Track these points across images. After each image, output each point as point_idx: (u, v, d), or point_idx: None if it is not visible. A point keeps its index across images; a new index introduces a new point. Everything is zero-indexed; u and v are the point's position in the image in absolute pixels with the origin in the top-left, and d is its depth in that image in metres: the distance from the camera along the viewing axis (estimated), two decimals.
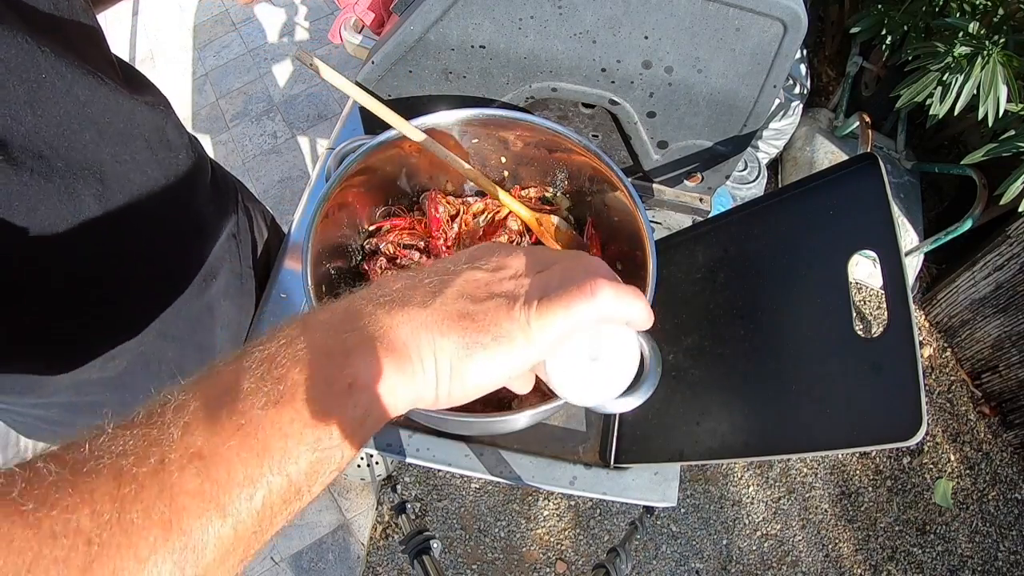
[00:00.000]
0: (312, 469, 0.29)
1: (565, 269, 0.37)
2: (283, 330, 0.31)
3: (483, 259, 0.37)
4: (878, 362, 0.50)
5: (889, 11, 1.62)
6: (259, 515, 0.27)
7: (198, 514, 0.25)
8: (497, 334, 0.33)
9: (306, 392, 0.28)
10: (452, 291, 0.34)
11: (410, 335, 0.32)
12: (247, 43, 2.54)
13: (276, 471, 0.27)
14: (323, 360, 0.29)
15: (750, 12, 0.63)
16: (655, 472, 0.75)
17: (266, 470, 0.27)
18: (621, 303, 0.36)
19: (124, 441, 0.25)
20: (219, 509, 0.25)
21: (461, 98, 0.78)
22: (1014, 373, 1.78)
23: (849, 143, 1.95)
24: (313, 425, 0.28)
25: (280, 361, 0.29)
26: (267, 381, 0.28)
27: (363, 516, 1.75)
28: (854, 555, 1.75)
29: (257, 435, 0.27)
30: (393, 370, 0.31)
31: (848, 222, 0.59)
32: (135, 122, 0.58)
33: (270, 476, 0.27)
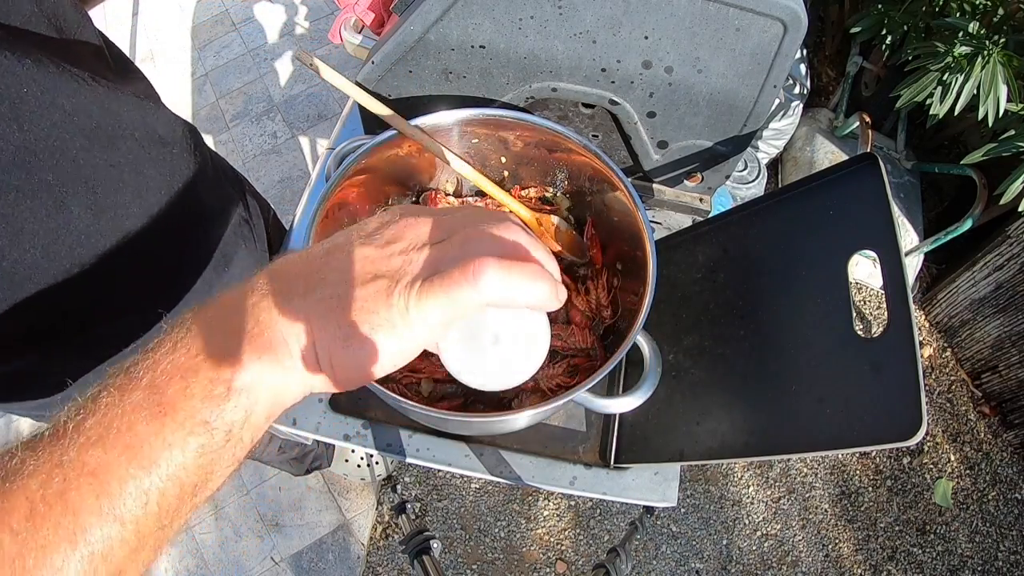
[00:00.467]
0: (203, 471, 0.31)
1: (464, 240, 0.34)
2: (171, 333, 0.32)
3: (379, 231, 0.35)
4: (878, 362, 0.50)
5: (889, 11, 1.62)
6: (158, 516, 0.30)
7: (99, 526, 0.28)
8: (374, 323, 0.32)
9: (185, 402, 0.30)
10: (335, 276, 0.33)
11: (289, 329, 0.32)
12: (247, 43, 2.54)
13: (165, 479, 0.29)
14: (202, 365, 0.30)
15: (750, 12, 0.63)
16: (655, 472, 0.75)
17: (155, 479, 0.29)
18: (511, 288, 0.32)
19: (32, 463, 0.28)
20: (118, 519, 0.28)
21: (461, 98, 0.78)
22: (1014, 373, 1.78)
23: (849, 143, 1.94)
24: (195, 433, 0.30)
25: (163, 370, 0.30)
26: (151, 392, 0.30)
27: (363, 516, 1.75)
28: (854, 555, 1.75)
29: (143, 448, 0.29)
30: (272, 367, 0.32)
31: (848, 222, 0.59)
32: (124, 123, 0.58)
33: (160, 484, 0.29)
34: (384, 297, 0.32)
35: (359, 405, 0.77)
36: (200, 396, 0.30)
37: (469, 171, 0.71)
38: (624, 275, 0.74)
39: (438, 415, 0.58)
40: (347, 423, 0.75)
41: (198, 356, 0.30)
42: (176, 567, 1.73)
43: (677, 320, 0.75)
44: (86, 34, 0.58)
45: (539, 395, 0.69)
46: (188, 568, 1.73)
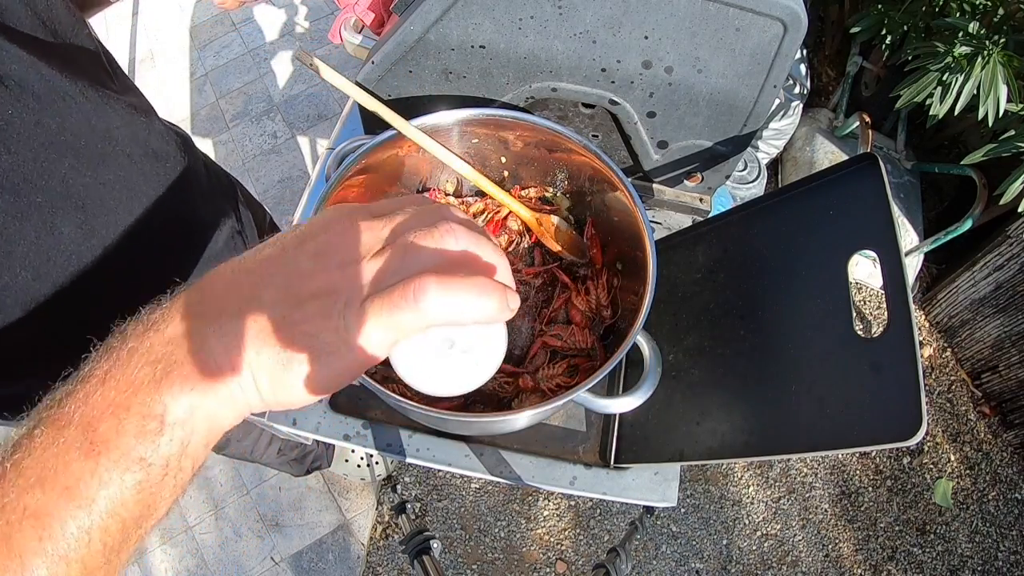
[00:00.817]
0: (143, 504, 0.30)
1: (405, 252, 0.31)
2: (99, 362, 0.31)
3: (310, 240, 0.32)
4: (878, 362, 0.50)
5: (889, 11, 1.62)
6: (103, 552, 0.29)
7: (45, 566, 0.28)
8: (315, 347, 0.30)
9: (119, 439, 0.29)
10: (270, 294, 0.31)
11: (223, 354, 0.30)
12: (247, 43, 2.54)
13: (106, 516, 0.29)
14: (133, 401, 0.29)
15: (750, 12, 0.63)
16: (655, 472, 0.75)
17: (96, 517, 0.29)
18: (455, 307, 0.30)
19: None
20: (63, 559, 0.28)
21: (461, 98, 0.78)
22: (1014, 373, 1.78)
23: (849, 143, 1.94)
24: (131, 470, 0.29)
25: (94, 404, 0.29)
26: (83, 430, 0.29)
27: (363, 516, 1.75)
28: (854, 555, 1.75)
29: (80, 488, 0.28)
30: (205, 397, 0.30)
31: (848, 222, 0.59)
32: (115, 139, 0.57)
33: (101, 521, 0.29)
34: (324, 319, 0.30)
35: (359, 405, 0.77)
36: (133, 433, 0.29)
37: (469, 171, 0.71)
38: (624, 275, 0.74)
39: (438, 415, 0.58)
40: (347, 423, 0.75)
41: (127, 391, 0.29)
42: (176, 567, 1.73)
43: (677, 320, 0.75)
44: (82, 39, 0.58)
45: (539, 395, 0.69)
46: (188, 568, 1.73)
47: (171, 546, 1.75)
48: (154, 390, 0.30)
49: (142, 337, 0.31)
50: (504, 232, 0.78)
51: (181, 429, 0.30)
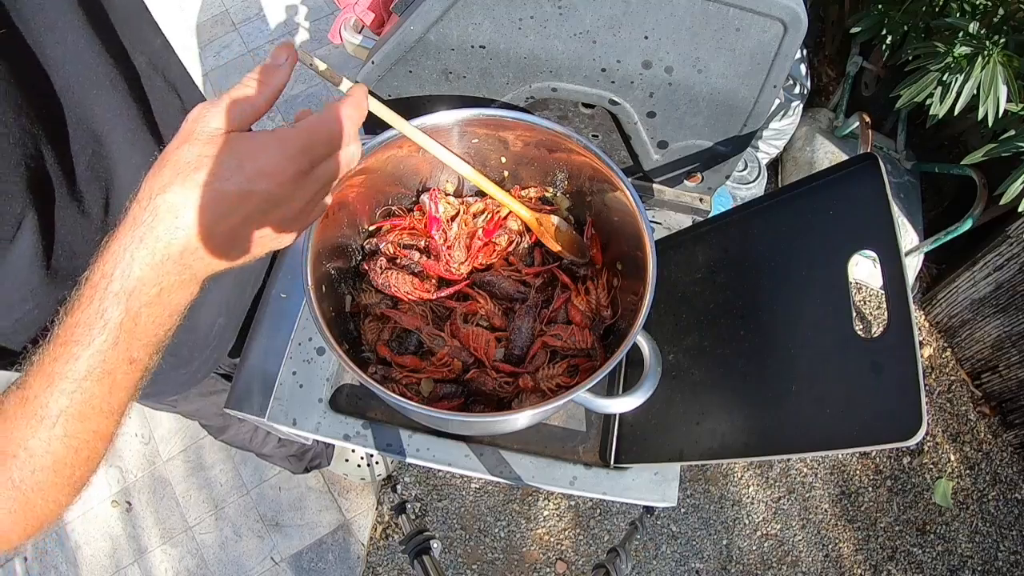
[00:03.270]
0: (86, 397, 0.40)
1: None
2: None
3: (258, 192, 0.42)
4: (878, 362, 0.50)
5: (889, 11, 1.62)
6: (64, 441, 0.41)
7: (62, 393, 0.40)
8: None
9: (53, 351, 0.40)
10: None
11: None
12: (247, 43, 2.54)
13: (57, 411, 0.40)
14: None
15: (750, 12, 0.63)
16: (655, 472, 0.75)
17: (46, 426, 0.40)
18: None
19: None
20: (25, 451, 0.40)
21: (461, 98, 0.78)
22: (1014, 373, 1.78)
23: (849, 143, 1.94)
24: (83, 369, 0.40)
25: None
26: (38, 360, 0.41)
27: (363, 516, 1.75)
28: (854, 555, 1.75)
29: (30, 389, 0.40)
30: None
31: (848, 222, 0.59)
32: (149, 123, 0.60)
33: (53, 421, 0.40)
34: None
35: (359, 405, 0.77)
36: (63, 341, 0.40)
37: (469, 171, 0.71)
38: (624, 275, 0.74)
39: (438, 415, 0.58)
40: (347, 423, 0.75)
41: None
42: (176, 567, 1.73)
43: (677, 320, 0.75)
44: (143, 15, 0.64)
45: (539, 395, 0.69)
46: (188, 568, 1.73)
47: (171, 546, 1.75)
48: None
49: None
50: (504, 232, 0.78)
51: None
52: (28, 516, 0.42)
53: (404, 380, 0.70)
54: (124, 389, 0.42)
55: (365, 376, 0.57)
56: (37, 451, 0.40)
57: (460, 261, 0.76)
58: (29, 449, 0.40)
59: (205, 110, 0.42)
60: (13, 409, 0.40)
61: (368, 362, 0.73)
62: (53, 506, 0.43)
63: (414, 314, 0.74)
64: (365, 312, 0.76)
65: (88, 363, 0.40)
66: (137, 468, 1.85)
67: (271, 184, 0.41)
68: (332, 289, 0.72)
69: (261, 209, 0.42)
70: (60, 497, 0.43)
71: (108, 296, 0.39)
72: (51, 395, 0.40)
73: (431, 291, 0.75)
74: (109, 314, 0.39)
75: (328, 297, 0.69)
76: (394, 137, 0.67)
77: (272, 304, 0.83)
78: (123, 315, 0.40)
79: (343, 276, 0.75)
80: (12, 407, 0.40)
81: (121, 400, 0.43)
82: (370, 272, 0.75)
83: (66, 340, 0.40)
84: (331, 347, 0.58)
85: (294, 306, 0.82)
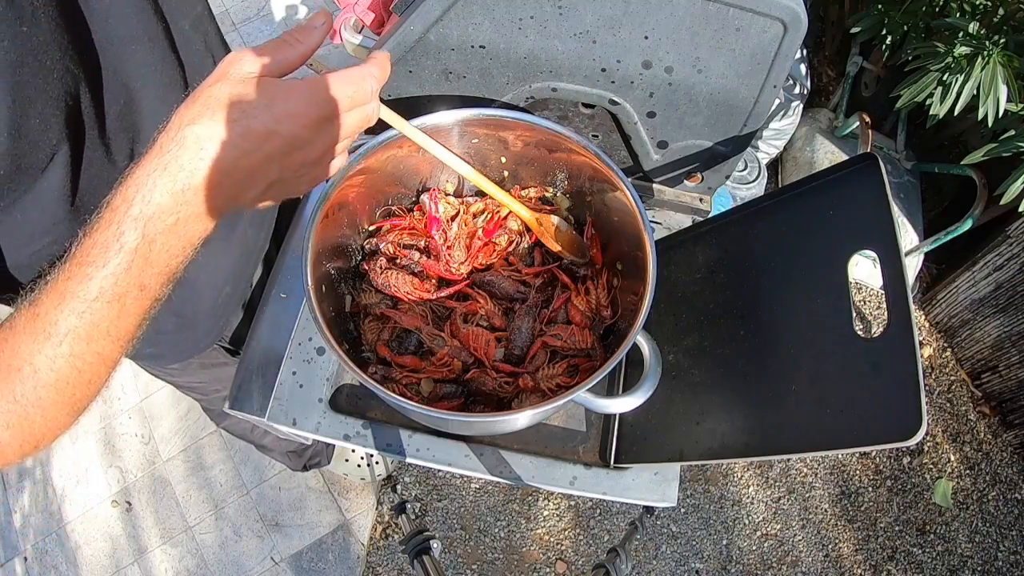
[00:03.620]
0: (101, 314, 0.42)
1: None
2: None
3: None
4: (878, 362, 0.50)
5: (889, 11, 1.62)
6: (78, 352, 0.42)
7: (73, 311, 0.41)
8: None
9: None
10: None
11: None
12: (247, 43, 2.54)
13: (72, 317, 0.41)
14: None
15: (750, 12, 0.63)
16: (655, 472, 0.75)
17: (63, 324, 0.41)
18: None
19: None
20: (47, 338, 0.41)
21: (461, 98, 0.78)
22: (1014, 373, 1.78)
23: (849, 143, 1.94)
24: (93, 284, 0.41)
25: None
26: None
27: (363, 516, 1.75)
28: (854, 555, 1.75)
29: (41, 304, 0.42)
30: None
31: (848, 222, 0.59)
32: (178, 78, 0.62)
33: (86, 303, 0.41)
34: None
35: (359, 405, 0.77)
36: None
37: (469, 171, 0.71)
38: (624, 275, 0.74)
39: (438, 415, 0.58)
40: (347, 423, 0.75)
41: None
42: (176, 567, 1.73)
43: (677, 320, 0.75)
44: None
45: (539, 395, 0.69)
46: (188, 568, 1.73)
47: (171, 546, 1.75)
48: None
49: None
50: (504, 232, 0.78)
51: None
52: (25, 433, 0.43)
53: (404, 380, 0.70)
54: (132, 316, 0.43)
55: (365, 376, 0.57)
56: (41, 367, 0.41)
57: (460, 261, 0.76)
58: (34, 365, 0.41)
59: (241, 55, 0.44)
60: (23, 324, 0.41)
61: (368, 362, 0.73)
62: (51, 425, 0.44)
63: (414, 314, 0.74)
64: (365, 312, 0.76)
65: (100, 284, 0.41)
66: (137, 468, 1.85)
67: (295, 126, 0.43)
68: (332, 289, 0.72)
69: (283, 150, 0.44)
70: (59, 416, 0.44)
71: (127, 220, 0.41)
72: (61, 313, 0.41)
73: (431, 291, 0.75)
74: (126, 237, 0.41)
75: (328, 297, 0.69)
76: (394, 137, 0.67)
77: (272, 304, 0.83)
78: (139, 240, 0.41)
79: (343, 276, 0.75)
80: (22, 322, 0.42)
81: (128, 327, 0.44)
82: (370, 272, 0.75)
83: (82, 260, 0.41)
84: (331, 347, 0.58)
85: (294, 306, 0.82)
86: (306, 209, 0.90)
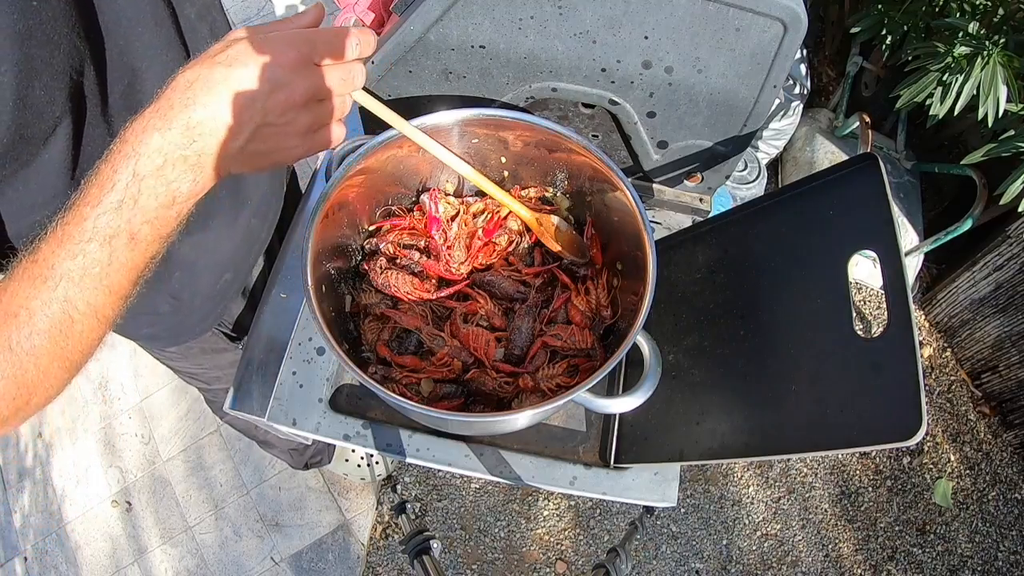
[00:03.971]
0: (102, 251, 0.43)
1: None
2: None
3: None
4: (878, 362, 0.50)
5: (889, 11, 1.62)
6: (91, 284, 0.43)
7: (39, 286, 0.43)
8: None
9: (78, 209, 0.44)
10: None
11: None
12: None
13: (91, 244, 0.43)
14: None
15: (750, 12, 0.63)
16: (655, 472, 0.75)
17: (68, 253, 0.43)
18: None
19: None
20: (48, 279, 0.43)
21: (461, 98, 0.78)
22: (1014, 373, 1.78)
23: (849, 143, 1.94)
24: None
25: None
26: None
27: (363, 516, 1.75)
28: (854, 555, 1.75)
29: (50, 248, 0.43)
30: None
31: (848, 222, 0.59)
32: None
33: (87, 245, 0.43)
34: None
35: (359, 405, 0.77)
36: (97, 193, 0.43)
37: (469, 171, 0.71)
38: (624, 275, 0.74)
39: (438, 415, 0.58)
40: (347, 423, 0.75)
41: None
42: (176, 567, 1.73)
43: (677, 320, 0.75)
44: None
45: (539, 395, 0.69)
46: (188, 568, 1.73)
47: (171, 546, 1.75)
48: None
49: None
50: (504, 232, 0.78)
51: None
52: (20, 383, 0.44)
53: (404, 380, 0.70)
54: (122, 267, 0.45)
55: (365, 376, 0.57)
56: (36, 312, 0.43)
57: (460, 261, 0.76)
58: (30, 309, 0.42)
59: (239, 29, 0.48)
60: (22, 271, 0.43)
61: (368, 362, 0.73)
62: (43, 378, 0.45)
63: (414, 314, 0.74)
64: (365, 312, 0.76)
65: (94, 224, 0.43)
66: (137, 468, 1.85)
67: (274, 66, 0.46)
68: (332, 289, 0.72)
69: (264, 90, 0.45)
70: (51, 369, 0.45)
71: (120, 158, 0.43)
72: (56, 256, 0.43)
73: (431, 291, 0.75)
74: (119, 175, 0.43)
75: (328, 297, 0.69)
76: (394, 137, 0.67)
77: (272, 304, 0.83)
78: (131, 178, 0.43)
79: (343, 276, 0.75)
80: (22, 269, 0.43)
81: (118, 280, 0.45)
82: (370, 272, 0.75)
83: (80, 202, 0.43)
84: (331, 347, 0.58)
85: (294, 306, 0.82)
86: (306, 209, 0.90)
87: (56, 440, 1.90)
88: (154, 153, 0.43)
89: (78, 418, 1.92)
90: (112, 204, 0.43)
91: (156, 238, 0.46)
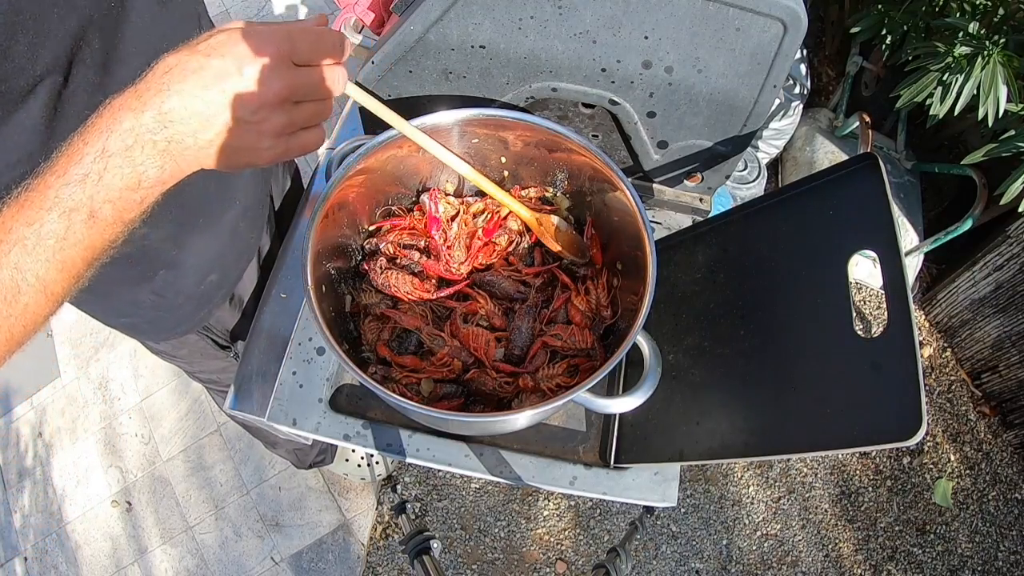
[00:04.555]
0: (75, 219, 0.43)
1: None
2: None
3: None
4: (878, 362, 0.50)
5: (889, 11, 1.62)
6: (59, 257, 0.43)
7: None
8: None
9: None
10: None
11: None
12: None
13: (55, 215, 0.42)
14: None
15: (750, 12, 0.63)
16: (655, 472, 0.75)
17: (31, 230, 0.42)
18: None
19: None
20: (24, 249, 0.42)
21: (461, 98, 0.78)
22: (1014, 373, 1.77)
23: (849, 143, 1.94)
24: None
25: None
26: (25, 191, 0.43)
27: (363, 516, 1.75)
28: (854, 555, 1.75)
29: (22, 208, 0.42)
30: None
31: (848, 222, 0.59)
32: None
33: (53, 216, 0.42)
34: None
35: (359, 405, 0.77)
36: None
37: (469, 171, 0.71)
38: (624, 275, 0.74)
39: (438, 415, 0.58)
40: (347, 423, 0.75)
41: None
42: (176, 567, 1.73)
43: (677, 320, 0.75)
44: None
45: (539, 395, 0.69)
46: (188, 568, 1.73)
47: (171, 546, 1.75)
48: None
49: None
50: (504, 232, 0.78)
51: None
52: None
53: (404, 380, 0.70)
54: (77, 245, 0.43)
55: (365, 376, 0.57)
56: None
57: (460, 261, 0.76)
58: None
59: (235, 21, 0.48)
60: None
61: (368, 362, 0.73)
62: None
63: (414, 314, 0.74)
64: (365, 312, 0.76)
65: (57, 193, 0.42)
66: (137, 468, 1.85)
67: (251, 60, 0.45)
68: (332, 289, 0.72)
69: (242, 84, 0.45)
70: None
71: (93, 132, 0.43)
72: (15, 220, 0.42)
73: (431, 291, 0.75)
74: (88, 148, 0.43)
75: (328, 297, 0.69)
76: (394, 137, 0.67)
77: (272, 304, 0.83)
78: (99, 153, 0.42)
79: (343, 276, 0.75)
80: None
81: (72, 258, 0.44)
82: (370, 272, 0.75)
83: (48, 171, 0.43)
84: (331, 347, 0.58)
85: (294, 306, 0.82)
86: (306, 209, 0.90)
87: (56, 440, 1.90)
88: (125, 133, 0.43)
89: (78, 418, 1.92)
90: (77, 176, 0.42)
91: (117, 220, 0.45)
